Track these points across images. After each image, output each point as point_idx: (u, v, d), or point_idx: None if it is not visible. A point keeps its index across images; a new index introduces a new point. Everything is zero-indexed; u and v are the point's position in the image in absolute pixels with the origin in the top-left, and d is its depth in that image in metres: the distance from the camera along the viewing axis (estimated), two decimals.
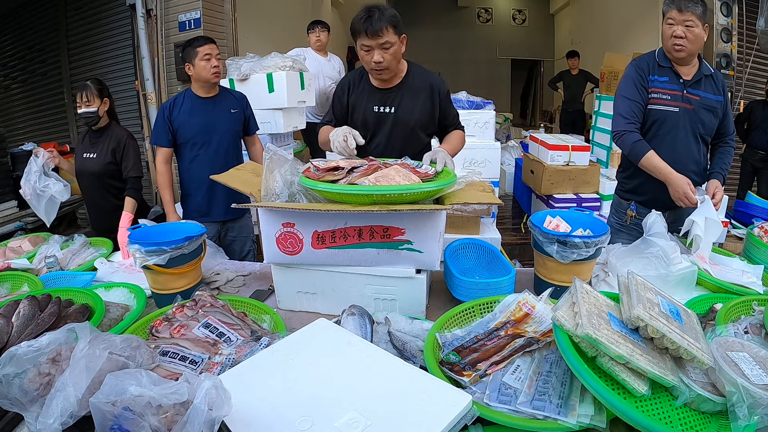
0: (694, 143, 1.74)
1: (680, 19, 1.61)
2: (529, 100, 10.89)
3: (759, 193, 3.70)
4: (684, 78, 1.71)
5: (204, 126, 2.14)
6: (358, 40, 1.54)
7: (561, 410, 0.75)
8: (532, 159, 3.93)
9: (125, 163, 2.32)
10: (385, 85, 1.68)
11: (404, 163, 1.33)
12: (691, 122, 1.71)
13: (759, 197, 3.39)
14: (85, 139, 2.38)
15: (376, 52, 1.53)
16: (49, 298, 1.11)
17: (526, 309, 1.04)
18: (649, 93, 1.73)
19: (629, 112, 1.72)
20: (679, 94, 1.70)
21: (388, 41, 1.51)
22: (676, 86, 1.71)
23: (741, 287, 1.28)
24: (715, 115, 1.74)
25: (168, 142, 2.13)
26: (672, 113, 1.71)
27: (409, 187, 1.13)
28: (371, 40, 1.50)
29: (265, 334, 1.04)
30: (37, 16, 4.95)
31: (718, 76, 1.76)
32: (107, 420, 0.62)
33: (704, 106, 1.71)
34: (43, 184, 2.23)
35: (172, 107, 2.13)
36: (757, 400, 0.69)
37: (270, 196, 1.28)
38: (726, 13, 3.99)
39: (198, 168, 2.15)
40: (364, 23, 1.49)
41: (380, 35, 1.49)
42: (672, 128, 1.72)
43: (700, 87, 1.71)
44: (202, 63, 2.08)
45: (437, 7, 9.76)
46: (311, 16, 5.78)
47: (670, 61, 1.72)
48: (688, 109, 1.70)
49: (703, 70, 1.72)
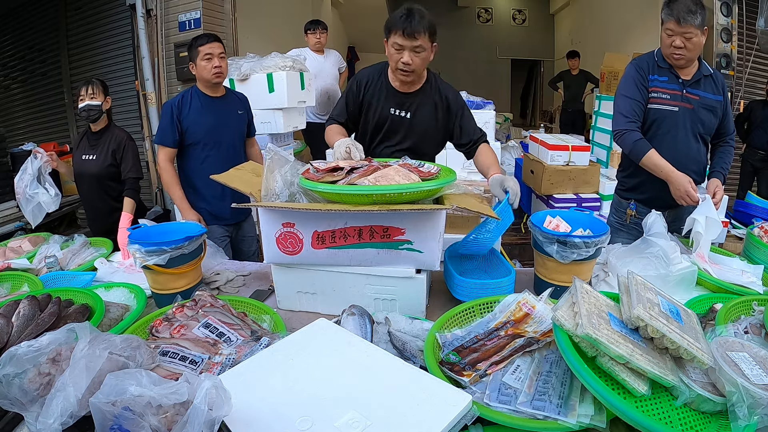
0: (694, 142, 1.75)
1: (679, 31, 1.61)
2: (529, 100, 10.89)
3: (759, 193, 3.70)
4: (683, 78, 1.72)
5: (215, 126, 2.11)
6: (392, 37, 1.52)
7: (561, 410, 0.75)
8: (532, 159, 3.93)
9: (125, 164, 2.33)
10: (405, 89, 1.65)
11: (405, 163, 1.33)
12: (691, 122, 1.72)
13: (759, 197, 3.40)
14: (83, 141, 2.37)
15: (407, 53, 1.51)
16: (49, 298, 1.11)
17: (526, 309, 1.04)
18: (649, 92, 1.73)
19: (630, 111, 1.73)
20: (678, 94, 1.71)
21: (421, 45, 1.51)
22: (675, 86, 1.72)
23: (741, 287, 1.28)
24: (715, 114, 1.75)
25: (174, 142, 2.05)
26: (671, 112, 1.71)
27: (408, 186, 1.12)
28: (406, 40, 1.49)
29: (265, 334, 1.04)
30: (37, 16, 4.95)
31: (717, 76, 1.76)
32: (107, 420, 0.62)
33: (704, 105, 1.72)
34: (33, 191, 2.22)
35: (180, 106, 2.05)
36: (757, 400, 0.69)
37: (270, 196, 1.28)
38: (726, 13, 3.98)
39: (210, 169, 1.97)
40: (403, 22, 1.48)
41: (416, 38, 1.48)
42: (672, 128, 1.72)
43: (699, 87, 1.72)
44: (202, 63, 2.03)
45: (437, 7, 9.71)
46: (311, 16, 5.77)
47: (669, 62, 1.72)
48: (688, 108, 1.71)
49: (703, 71, 1.73)
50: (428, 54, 1.55)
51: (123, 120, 4.33)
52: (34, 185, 2.23)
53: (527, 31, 10.07)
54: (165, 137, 2.05)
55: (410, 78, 1.59)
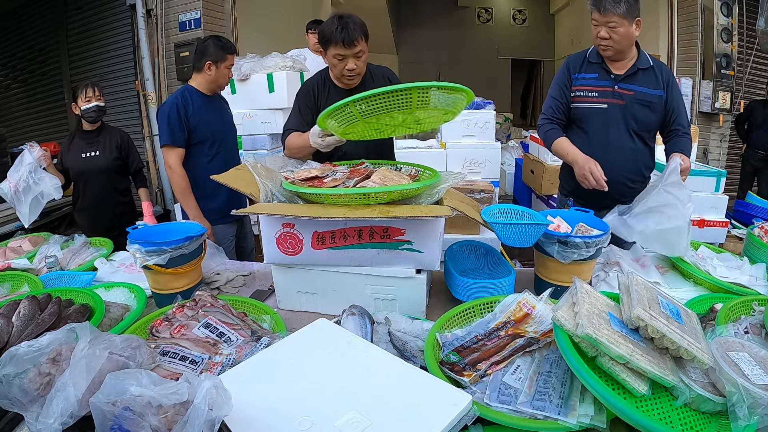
0: (628, 140, 1.69)
1: (602, 21, 1.59)
2: (529, 100, 10.88)
3: (759, 193, 3.71)
4: (615, 73, 1.67)
5: (221, 123, 2.13)
6: (331, 49, 1.59)
7: (561, 410, 0.75)
8: (532, 159, 3.92)
9: (132, 157, 2.47)
10: (351, 86, 1.72)
11: (386, 168, 1.36)
12: (623, 118, 1.67)
13: (759, 197, 3.40)
14: (76, 141, 2.39)
15: (351, 61, 1.59)
16: (49, 298, 1.11)
17: (526, 309, 1.04)
18: (573, 91, 1.73)
19: (548, 109, 1.79)
20: (609, 90, 1.67)
21: (361, 50, 1.59)
22: (606, 82, 1.67)
23: (741, 287, 1.28)
24: (652, 109, 1.67)
25: (184, 141, 2.02)
26: (599, 110, 1.68)
27: (403, 186, 1.13)
28: (347, 49, 1.56)
29: (265, 334, 1.04)
30: (37, 16, 4.95)
31: (661, 69, 1.69)
32: (107, 420, 0.62)
33: (638, 101, 1.66)
34: (38, 176, 2.11)
35: (185, 105, 2.01)
36: (757, 400, 0.69)
37: (268, 195, 1.28)
38: (726, 13, 3.98)
39: (218, 166, 1.97)
40: (340, 33, 1.54)
41: (355, 45, 1.56)
42: (601, 125, 1.69)
43: (634, 81, 1.66)
44: (225, 71, 2.07)
45: (437, 7, 9.74)
46: (311, 16, 5.77)
47: (602, 57, 1.69)
48: (619, 104, 1.66)
49: (639, 63, 1.66)
50: (366, 54, 1.64)
51: (123, 120, 4.33)
52: (39, 171, 2.13)
53: (527, 31, 10.06)
54: (176, 137, 1.99)
55: (356, 80, 1.70)
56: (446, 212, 1.09)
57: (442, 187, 1.25)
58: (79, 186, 2.43)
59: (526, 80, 10.84)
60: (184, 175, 2.03)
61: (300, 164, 1.56)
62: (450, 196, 1.28)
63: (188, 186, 2.04)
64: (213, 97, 2.15)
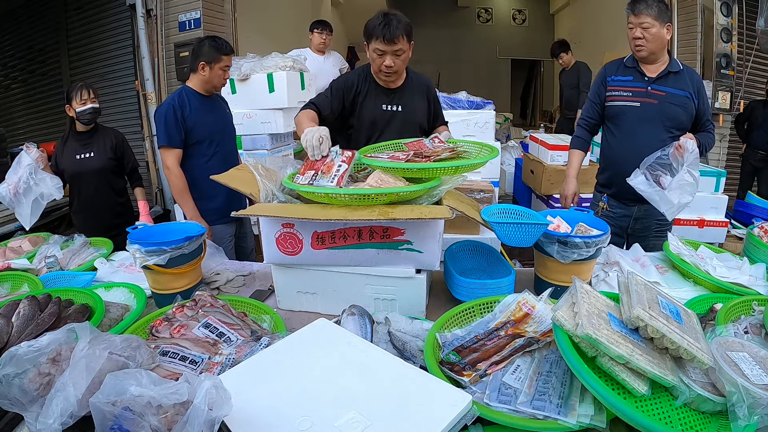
0: (659, 134, 1.84)
1: (636, 22, 1.79)
2: (529, 100, 10.88)
3: (759, 193, 3.70)
4: (649, 75, 1.85)
5: (218, 123, 2.13)
6: (372, 43, 1.62)
7: (561, 410, 0.75)
8: (532, 159, 3.92)
9: (127, 157, 2.47)
10: (391, 86, 1.77)
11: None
12: (658, 115, 1.84)
13: (759, 197, 3.40)
14: (70, 143, 2.38)
15: (389, 57, 1.62)
16: (49, 298, 1.11)
17: (526, 309, 1.04)
18: (608, 91, 1.93)
19: (585, 111, 2.05)
20: (642, 91, 1.85)
21: (401, 48, 1.62)
22: (640, 83, 1.86)
23: (741, 287, 1.28)
24: (684, 109, 1.84)
25: (181, 142, 2.02)
26: (632, 108, 1.87)
27: (404, 187, 1.13)
28: (387, 45, 1.59)
29: (265, 334, 1.04)
30: (37, 16, 4.95)
31: (690, 73, 1.87)
32: (107, 420, 0.62)
33: (670, 101, 1.83)
34: (38, 177, 2.09)
35: (182, 106, 2.01)
36: (757, 400, 0.69)
37: (268, 195, 1.28)
38: (726, 13, 3.98)
39: (217, 166, 1.98)
40: (382, 29, 1.57)
41: (396, 42, 1.58)
42: (635, 121, 1.87)
43: (666, 83, 1.84)
44: (220, 72, 2.06)
45: (437, 7, 9.74)
46: (311, 16, 5.77)
47: (637, 61, 1.87)
48: (653, 103, 1.84)
49: (670, 67, 1.84)
50: (407, 54, 1.68)
51: (123, 120, 4.33)
52: (40, 173, 2.11)
53: (527, 31, 10.06)
54: (173, 139, 1.99)
55: (393, 78, 1.73)
56: (446, 214, 1.09)
57: (442, 189, 1.25)
58: (75, 188, 2.41)
59: (525, 80, 10.84)
60: (181, 176, 2.03)
61: (300, 164, 1.56)
62: (450, 195, 1.28)
63: (186, 186, 2.04)
64: (211, 97, 2.15)
